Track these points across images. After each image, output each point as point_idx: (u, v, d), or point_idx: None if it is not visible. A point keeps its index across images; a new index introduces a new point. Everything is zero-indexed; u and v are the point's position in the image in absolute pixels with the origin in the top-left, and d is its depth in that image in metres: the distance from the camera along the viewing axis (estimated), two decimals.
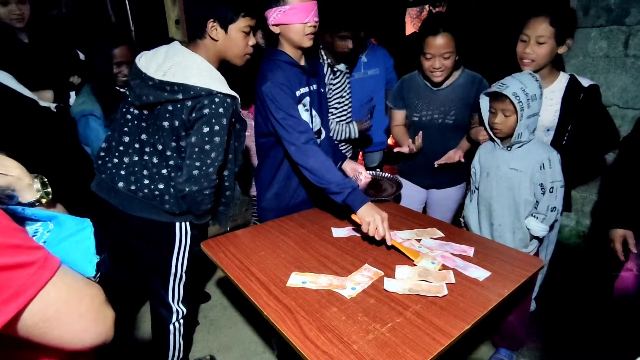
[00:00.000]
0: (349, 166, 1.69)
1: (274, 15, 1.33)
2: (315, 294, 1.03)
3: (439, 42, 1.57)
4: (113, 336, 0.53)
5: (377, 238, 1.23)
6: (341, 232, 1.39)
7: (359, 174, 1.64)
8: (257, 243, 1.32)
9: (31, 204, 0.56)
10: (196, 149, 1.18)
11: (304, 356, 0.82)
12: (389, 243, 1.24)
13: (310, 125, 1.49)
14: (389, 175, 1.75)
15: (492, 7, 3.45)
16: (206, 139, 1.18)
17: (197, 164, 1.19)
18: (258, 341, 1.88)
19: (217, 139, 1.19)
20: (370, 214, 1.24)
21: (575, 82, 1.49)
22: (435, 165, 1.74)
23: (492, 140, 1.51)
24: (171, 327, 1.48)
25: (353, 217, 1.30)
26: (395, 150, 1.78)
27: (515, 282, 1.07)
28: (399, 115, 1.91)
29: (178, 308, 1.47)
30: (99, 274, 0.56)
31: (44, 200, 0.57)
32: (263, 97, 1.36)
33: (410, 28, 5.39)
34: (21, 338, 0.46)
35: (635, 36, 2.03)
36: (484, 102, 1.49)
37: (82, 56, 1.84)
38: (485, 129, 1.52)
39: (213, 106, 1.16)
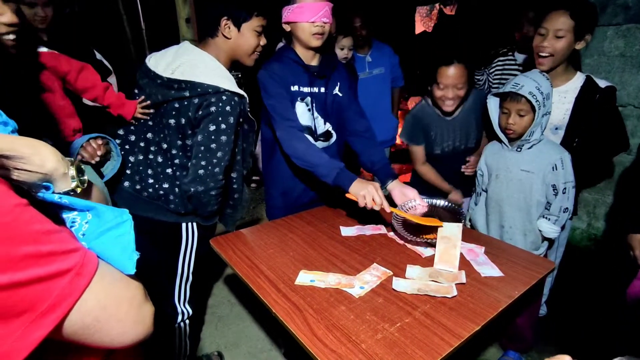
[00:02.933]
0: (397, 189, 1.41)
1: (285, 13, 1.36)
2: (324, 292, 1.03)
3: (453, 72, 1.52)
4: (153, 330, 0.52)
5: (377, 208, 1.24)
6: (349, 231, 1.39)
7: (411, 200, 1.37)
8: (266, 241, 1.32)
9: (66, 193, 0.53)
10: (202, 148, 1.17)
11: (313, 355, 0.82)
12: (387, 210, 1.24)
13: (313, 127, 1.48)
14: (449, 204, 1.42)
15: (494, 7, 3.42)
16: (212, 137, 1.17)
17: (203, 163, 1.18)
18: (265, 338, 1.89)
19: (223, 137, 1.17)
20: (361, 187, 1.25)
21: (591, 83, 1.46)
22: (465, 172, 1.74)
23: (500, 141, 1.49)
24: (177, 327, 1.48)
25: (347, 196, 1.29)
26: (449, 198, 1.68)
27: (525, 284, 1.06)
28: (420, 152, 1.78)
29: (184, 309, 1.46)
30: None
31: (79, 190, 0.54)
32: (259, 85, 1.40)
33: (420, 27, 5.34)
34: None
35: None
36: (493, 103, 1.47)
37: (98, 56, 1.86)
38: (494, 130, 1.50)
39: (220, 104, 1.15)
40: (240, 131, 1.29)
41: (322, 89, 1.49)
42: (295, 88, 1.43)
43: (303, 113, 1.46)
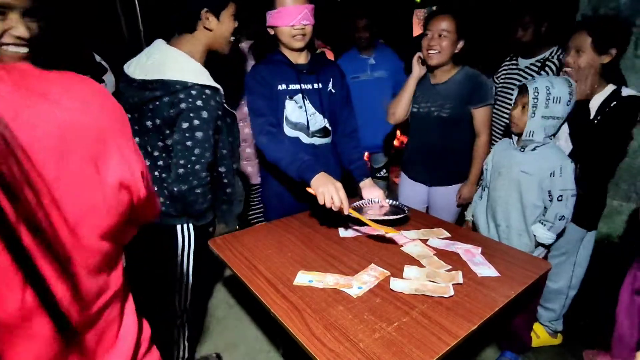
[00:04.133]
0: (367, 188, 1.54)
1: (268, 18, 1.41)
2: (322, 292, 1.04)
3: (440, 20, 1.63)
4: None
5: (334, 209, 1.21)
6: (347, 232, 1.40)
7: (375, 199, 1.50)
8: (264, 241, 1.33)
9: None
10: (179, 147, 1.15)
11: (311, 354, 0.83)
12: (345, 212, 1.22)
13: (305, 123, 1.49)
14: (400, 203, 1.55)
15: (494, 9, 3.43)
16: (187, 135, 1.14)
17: (182, 162, 1.16)
18: (263, 339, 1.89)
19: (198, 134, 1.14)
20: (323, 183, 1.21)
21: (615, 93, 1.47)
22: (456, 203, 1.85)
23: (511, 135, 1.50)
24: (175, 329, 1.47)
25: (308, 189, 1.24)
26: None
27: (522, 284, 1.07)
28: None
29: (183, 310, 1.45)
30: None
31: None
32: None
33: (418, 29, 5.37)
34: None
35: None
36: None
37: (97, 58, 1.87)
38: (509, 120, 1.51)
39: (190, 99, 1.12)
40: (223, 125, 1.25)
41: (315, 85, 1.51)
42: (282, 87, 1.45)
43: (293, 110, 1.48)
